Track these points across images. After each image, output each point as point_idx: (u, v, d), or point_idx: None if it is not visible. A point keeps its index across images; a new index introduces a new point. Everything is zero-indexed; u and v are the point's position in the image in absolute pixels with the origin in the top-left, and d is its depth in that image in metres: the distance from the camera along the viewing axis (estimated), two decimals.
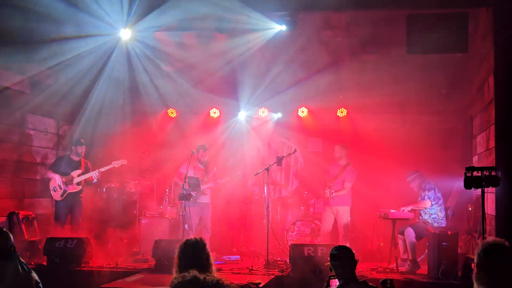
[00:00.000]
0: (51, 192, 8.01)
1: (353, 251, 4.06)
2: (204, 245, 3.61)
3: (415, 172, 7.34)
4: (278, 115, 10.12)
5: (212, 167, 8.44)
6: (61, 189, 7.95)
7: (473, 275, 2.80)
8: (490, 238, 2.94)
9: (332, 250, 4.07)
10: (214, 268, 3.61)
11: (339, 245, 4.20)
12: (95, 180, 8.13)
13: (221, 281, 1.76)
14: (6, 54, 7.13)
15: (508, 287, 2.73)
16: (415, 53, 6.82)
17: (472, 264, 2.89)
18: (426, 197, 7.08)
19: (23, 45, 7.07)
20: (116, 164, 8.17)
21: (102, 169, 8.14)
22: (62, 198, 7.95)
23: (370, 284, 3.75)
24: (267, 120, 10.16)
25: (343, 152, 8.13)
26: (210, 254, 3.62)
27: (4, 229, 3.82)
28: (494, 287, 2.72)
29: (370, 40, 7.61)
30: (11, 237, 3.76)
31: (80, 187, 8.09)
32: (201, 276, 1.78)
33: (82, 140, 8.38)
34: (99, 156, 8.78)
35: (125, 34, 7.51)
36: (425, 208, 7.09)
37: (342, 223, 7.89)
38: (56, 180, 7.96)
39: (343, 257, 3.95)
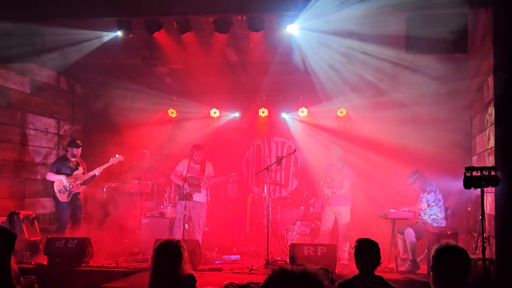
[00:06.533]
0: (57, 194, 7.93)
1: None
2: (178, 246, 3.88)
3: (415, 173, 7.36)
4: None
5: (208, 167, 8.41)
6: (66, 190, 7.93)
7: (430, 280, 2.87)
8: (443, 241, 2.99)
9: (361, 240, 4.10)
10: (188, 266, 3.91)
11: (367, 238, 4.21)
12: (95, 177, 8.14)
13: (307, 271, 1.82)
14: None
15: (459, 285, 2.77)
16: (414, 53, 6.82)
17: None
18: (424, 200, 7.13)
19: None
20: (113, 160, 8.17)
21: (102, 167, 8.13)
22: (68, 199, 7.94)
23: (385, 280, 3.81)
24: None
25: (339, 154, 8.16)
26: (184, 255, 3.89)
27: None
28: (447, 286, 2.78)
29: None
30: None
31: (83, 187, 8.10)
32: (289, 268, 1.84)
33: (78, 141, 8.33)
34: (96, 156, 8.80)
35: None
36: (420, 210, 7.14)
37: (343, 222, 7.90)
38: (63, 181, 7.93)
39: (371, 249, 4.00)
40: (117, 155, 8.22)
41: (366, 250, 3.98)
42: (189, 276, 3.94)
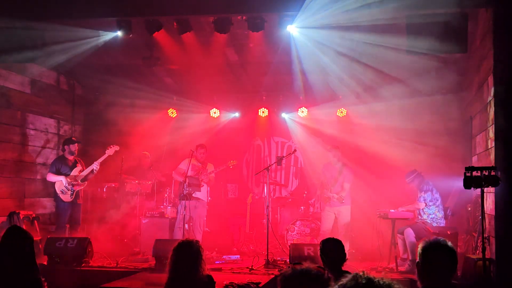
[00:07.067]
0: (60, 195, 7.89)
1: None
2: (198, 246, 3.76)
3: (413, 172, 7.37)
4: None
5: (210, 168, 8.42)
6: (68, 190, 7.92)
7: (417, 275, 2.87)
8: (431, 237, 3.00)
9: (324, 240, 4.26)
10: (206, 267, 3.78)
11: (329, 238, 4.36)
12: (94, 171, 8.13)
13: (393, 285, 1.77)
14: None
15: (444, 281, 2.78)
16: (414, 53, 6.82)
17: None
18: (421, 199, 7.15)
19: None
20: (110, 151, 8.12)
21: (99, 160, 8.06)
22: (72, 198, 7.94)
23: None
24: None
25: (338, 154, 8.17)
26: (203, 256, 3.76)
27: None
28: (433, 282, 2.77)
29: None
30: None
31: (85, 183, 8.09)
32: (375, 279, 1.78)
33: (73, 138, 8.36)
34: (96, 156, 8.80)
35: None
36: (418, 209, 7.16)
37: (343, 222, 7.92)
38: (63, 182, 7.91)
39: (334, 247, 4.15)
40: (111, 146, 8.19)
41: (329, 249, 4.14)
42: (208, 278, 3.80)
